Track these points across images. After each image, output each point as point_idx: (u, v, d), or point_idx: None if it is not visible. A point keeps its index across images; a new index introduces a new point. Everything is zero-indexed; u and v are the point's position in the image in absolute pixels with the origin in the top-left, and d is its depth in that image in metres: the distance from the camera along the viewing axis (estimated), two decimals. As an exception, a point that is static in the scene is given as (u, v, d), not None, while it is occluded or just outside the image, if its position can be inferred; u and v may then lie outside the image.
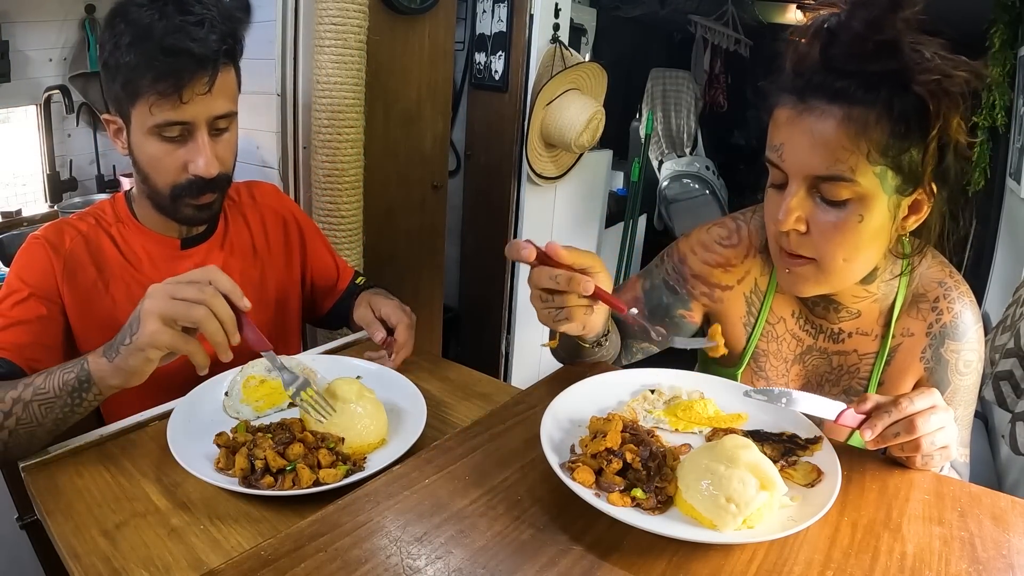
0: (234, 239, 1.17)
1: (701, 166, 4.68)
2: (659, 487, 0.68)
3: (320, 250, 1.31)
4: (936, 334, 0.89)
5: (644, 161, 3.34)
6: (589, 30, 3.21)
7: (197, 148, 0.98)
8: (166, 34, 0.91)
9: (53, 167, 1.98)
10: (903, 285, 0.89)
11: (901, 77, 0.71)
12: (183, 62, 0.92)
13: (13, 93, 1.86)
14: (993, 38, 2.67)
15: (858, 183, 0.74)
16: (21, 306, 0.95)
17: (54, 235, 1.02)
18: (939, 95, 0.70)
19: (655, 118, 4.78)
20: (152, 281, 1.06)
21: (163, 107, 0.94)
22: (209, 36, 0.94)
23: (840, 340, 0.94)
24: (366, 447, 0.87)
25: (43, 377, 0.82)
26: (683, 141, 4.91)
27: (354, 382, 0.92)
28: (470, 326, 2.85)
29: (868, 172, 0.73)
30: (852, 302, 0.90)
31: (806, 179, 0.76)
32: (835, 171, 0.74)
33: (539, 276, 0.76)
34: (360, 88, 1.71)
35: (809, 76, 0.75)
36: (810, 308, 0.94)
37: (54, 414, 0.82)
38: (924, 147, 0.73)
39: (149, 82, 0.92)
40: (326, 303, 1.33)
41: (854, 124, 0.72)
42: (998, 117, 2.67)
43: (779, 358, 0.98)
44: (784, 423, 0.80)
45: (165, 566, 0.67)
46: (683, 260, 1.01)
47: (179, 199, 1.02)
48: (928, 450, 0.71)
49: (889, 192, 0.75)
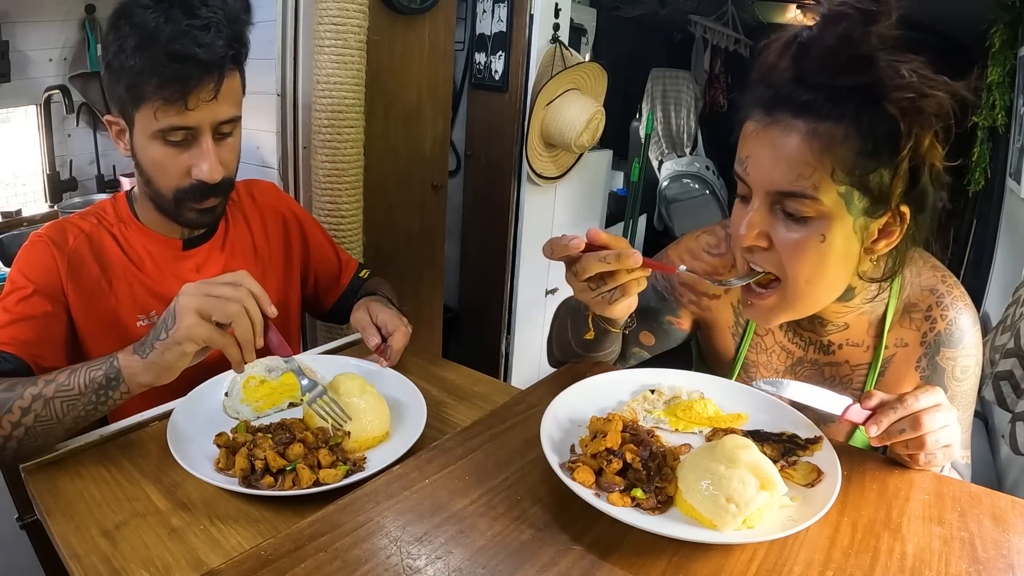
0: (235, 239, 1.17)
1: (701, 166, 4.68)
2: (659, 487, 0.68)
3: (322, 245, 1.31)
4: (931, 343, 0.87)
5: (644, 161, 3.34)
6: (589, 30, 3.21)
7: (201, 153, 0.98)
8: (172, 39, 0.90)
9: (53, 167, 1.98)
10: (893, 295, 0.87)
11: (872, 93, 0.68)
12: (189, 68, 0.91)
13: (13, 93, 1.86)
14: (993, 38, 2.67)
15: (821, 201, 0.71)
16: (26, 302, 0.95)
17: (57, 233, 1.02)
18: (912, 113, 0.67)
19: (655, 118, 4.79)
20: (155, 281, 1.07)
21: (168, 112, 0.93)
22: (215, 41, 0.93)
23: (831, 352, 0.92)
24: (371, 440, 0.88)
25: (67, 374, 0.82)
26: (683, 141, 4.91)
27: (356, 377, 0.93)
28: (470, 326, 2.85)
29: (832, 191, 0.71)
30: (835, 317, 0.88)
31: (768, 194, 0.74)
32: (796, 187, 0.71)
33: (589, 263, 0.74)
34: (360, 88, 1.71)
35: (777, 88, 0.72)
36: (796, 321, 0.91)
37: (75, 412, 0.82)
38: (894, 168, 0.70)
39: (154, 87, 0.92)
40: (330, 298, 1.32)
41: (819, 139, 0.69)
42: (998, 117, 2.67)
43: (769, 369, 0.96)
44: (784, 423, 0.80)
45: (165, 566, 0.68)
46: None
47: (182, 203, 1.02)
48: (932, 448, 0.71)
49: (856, 214, 0.73)
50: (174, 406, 0.92)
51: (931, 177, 0.72)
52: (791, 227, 0.74)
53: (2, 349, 0.90)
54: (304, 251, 1.28)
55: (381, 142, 1.98)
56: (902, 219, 0.74)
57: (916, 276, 0.88)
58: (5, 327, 0.92)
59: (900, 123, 0.67)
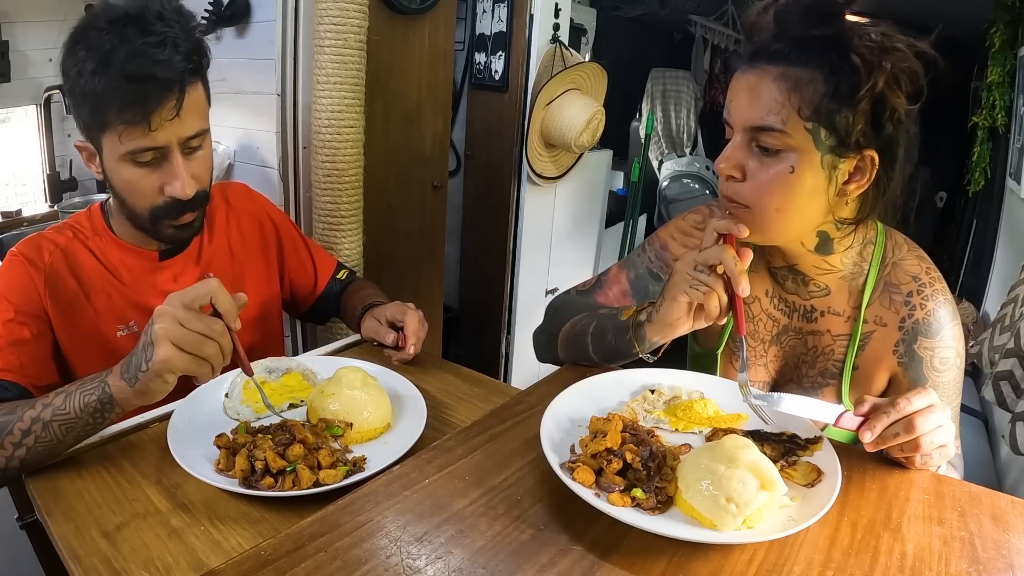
0: (210, 247, 1.17)
1: (701, 166, 4.67)
2: (659, 487, 0.68)
3: (297, 249, 1.31)
4: (909, 329, 0.90)
5: (644, 161, 3.34)
6: (589, 30, 3.21)
7: (172, 171, 0.97)
8: (128, 59, 0.88)
9: (53, 167, 1.98)
10: (874, 265, 0.92)
11: (838, 43, 0.76)
12: (148, 88, 0.90)
13: (13, 93, 1.86)
14: (993, 38, 2.67)
15: (789, 135, 0.79)
16: (11, 326, 0.95)
17: (32, 251, 1.01)
18: (872, 61, 0.75)
19: (655, 118, 4.78)
20: (132, 291, 1.07)
21: (132, 135, 0.92)
22: (173, 57, 0.91)
23: (813, 319, 0.96)
24: (372, 432, 0.89)
25: (62, 398, 0.82)
26: (683, 141, 4.91)
27: (358, 370, 0.94)
28: (470, 326, 2.85)
29: (799, 127, 0.78)
30: (817, 274, 0.92)
31: (745, 131, 0.82)
32: (767, 122, 0.79)
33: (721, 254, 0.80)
34: (360, 88, 1.71)
35: (758, 42, 0.82)
36: (781, 283, 0.97)
37: (75, 432, 0.82)
38: (854, 108, 0.77)
39: (116, 111, 0.90)
40: (308, 299, 1.33)
41: (787, 81, 0.78)
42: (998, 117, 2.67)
43: (756, 339, 1.00)
44: (784, 423, 0.80)
45: (165, 567, 0.68)
46: (664, 247, 1.06)
47: (159, 220, 1.01)
48: (927, 449, 0.71)
49: (823, 150, 0.79)
50: (174, 407, 0.92)
51: (894, 121, 0.78)
52: (764, 160, 0.82)
53: (1, 378, 0.90)
54: (280, 253, 1.28)
55: (381, 142, 1.98)
56: (872, 164, 0.81)
57: (900, 257, 0.92)
58: None
59: (861, 70, 0.75)
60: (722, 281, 0.80)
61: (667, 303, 0.84)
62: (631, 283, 1.08)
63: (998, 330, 1.74)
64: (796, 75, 0.78)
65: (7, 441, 0.80)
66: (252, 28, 1.79)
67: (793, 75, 0.78)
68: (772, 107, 0.79)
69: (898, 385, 0.92)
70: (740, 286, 0.78)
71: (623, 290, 1.08)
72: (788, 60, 0.78)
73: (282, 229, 1.28)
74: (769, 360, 1.00)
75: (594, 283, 1.12)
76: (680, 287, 0.82)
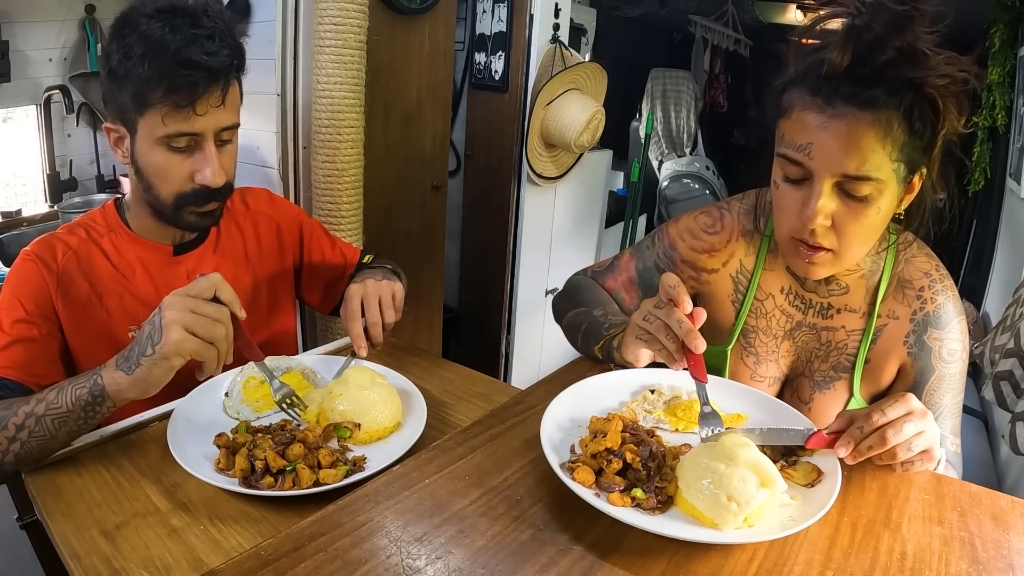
0: (226, 245, 1.17)
1: (701, 166, 4.68)
2: (659, 487, 0.68)
3: (322, 246, 1.30)
4: (920, 321, 0.93)
5: (644, 161, 3.34)
6: (589, 30, 3.21)
7: (205, 159, 1.00)
8: (181, 47, 0.92)
9: (53, 167, 1.98)
10: (888, 264, 0.94)
11: (918, 80, 0.75)
12: (198, 75, 0.93)
13: (13, 93, 1.86)
14: (993, 38, 2.67)
15: (882, 181, 0.79)
16: (20, 325, 0.96)
17: (46, 252, 1.02)
18: (947, 96, 0.76)
19: (655, 118, 4.78)
20: (144, 290, 1.07)
21: (175, 118, 0.95)
22: (221, 50, 0.95)
23: (829, 316, 0.97)
24: (382, 431, 0.89)
25: (55, 392, 0.83)
26: (683, 141, 4.91)
27: (366, 369, 0.94)
28: (470, 326, 2.85)
29: (888, 169, 0.78)
30: (843, 275, 0.95)
31: (834, 176, 0.80)
32: (864, 171, 0.78)
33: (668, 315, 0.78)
34: (360, 88, 1.71)
35: (837, 83, 0.78)
36: (801, 283, 0.98)
37: (67, 427, 0.83)
38: (932, 141, 0.78)
39: (163, 93, 0.93)
40: (338, 293, 1.31)
41: (880, 127, 0.76)
42: (998, 117, 2.67)
43: (768, 334, 1.00)
44: (784, 423, 0.80)
45: (165, 566, 0.68)
46: (673, 246, 1.07)
47: (183, 207, 1.03)
48: (904, 457, 0.71)
49: (900, 183, 0.81)
50: (174, 406, 0.92)
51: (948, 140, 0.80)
52: (851, 206, 0.81)
53: (2, 375, 0.91)
54: (301, 255, 1.28)
55: (381, 142, 1.98)
56: (920, 178, 0.83)
57: (912, 255, 0.95)
58: (2, 351, 0.93)
59: (940, 104, 0.76)
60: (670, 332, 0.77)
61: (624, 344, 0.86)
62: (639, 273, 1.10)
63: (1000, 331, 1.74)
64: (887, 118, 0.76)
65: (1, 436, 0.81)
66: (252, 28, 1.79)
67: (884, 119, 0.76)
68: (870, 157, 0.77)
69: (905, 375, 0.94)
70: (694, 344, 0.76)
71: (631, 278, 1.11)
72: (878, 104, 0.76)
73: (306, 229, 1.29)
74: (781, 355, 1.00)
75: (607, 266, 1.15)
76: (631, 335, 0.84)
